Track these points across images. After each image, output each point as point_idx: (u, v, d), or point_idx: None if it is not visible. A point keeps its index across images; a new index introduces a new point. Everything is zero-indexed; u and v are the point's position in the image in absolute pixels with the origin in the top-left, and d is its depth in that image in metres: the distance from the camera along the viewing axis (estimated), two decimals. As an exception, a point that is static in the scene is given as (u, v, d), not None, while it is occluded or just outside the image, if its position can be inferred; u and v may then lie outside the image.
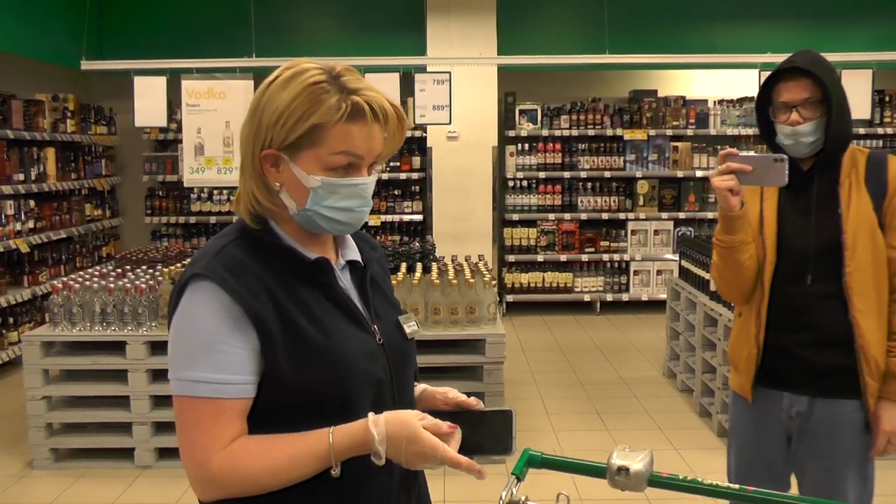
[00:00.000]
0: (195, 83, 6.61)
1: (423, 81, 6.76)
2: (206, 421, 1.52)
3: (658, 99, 9.32)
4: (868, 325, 2.57)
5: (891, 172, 2.61)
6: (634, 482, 1.66)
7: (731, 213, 2.57)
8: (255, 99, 1.60)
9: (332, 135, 1.54)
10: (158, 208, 9.21)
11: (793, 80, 2.57)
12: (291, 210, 1.61)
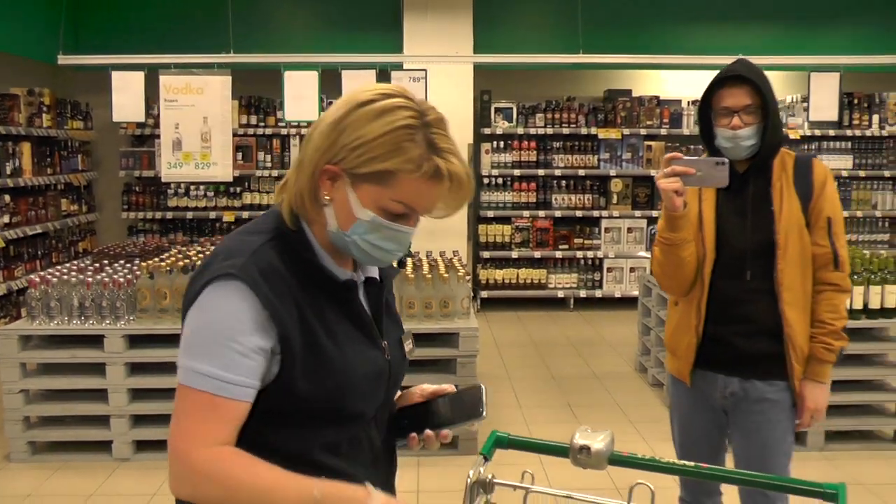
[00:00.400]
0: (173, 78, 6.65)
1: (399, 79, 6.83)
2: (200, 414, 1.51)
3: (632, 99, 9.44)
4: (795, 316, 2.82)
5: (815, 175, 2.85)
6: (595, 460, 1.75)
7: (675, 212, 2.73)
8: (341, 113, 1.56)
9: (402, 185, 1.53)
10: (135, 203, 9.22)
11: (735, 87, 2.76)
12: (330, 227, 1.60)
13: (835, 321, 2.85)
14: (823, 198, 2.85)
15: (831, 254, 2.83)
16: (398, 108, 1.53)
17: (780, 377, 2.86)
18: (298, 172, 1.60)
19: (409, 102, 1.56)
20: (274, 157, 8.98)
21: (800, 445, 5.18)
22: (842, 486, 1.72)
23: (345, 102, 1.57)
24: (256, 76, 7.87)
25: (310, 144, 1.58)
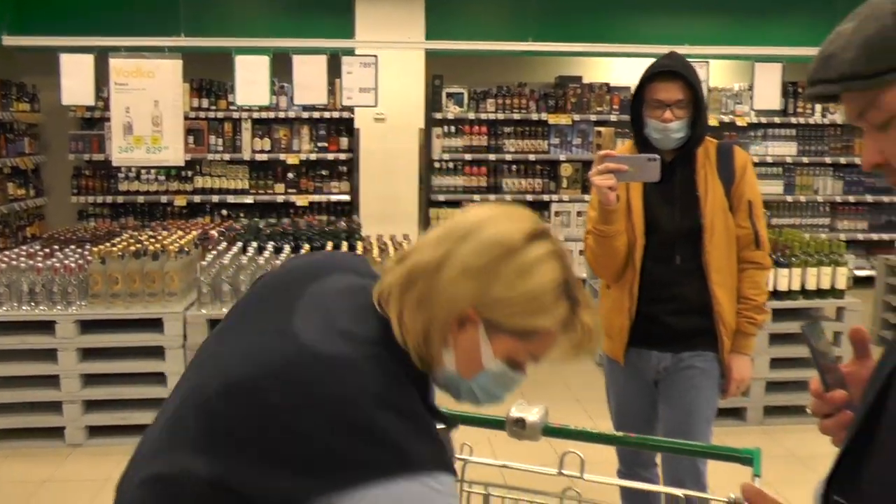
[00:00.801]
0: (123, 62, 6.63)
1: (351, 64, 6.88)
2: None
3: (583, 85, 9.56)
4: (723, 294, 3.02)
5: (737, 161, 3.05)
6: (530, 432, 1.86)
7: (609, 206, 2.85)
8: (491, 258, 1.42)
9: (543, 341, 1.45)
10: (85, 188, 9.11)
11: (669, 81, 2.90)
12: (445, 370, 1.47)
13: (757, 297, 3.07)
14: (744, 182, 3.04)
15: (753, 234, 3.04)
16: (548, 259, 1.44)
17: (710, 349, 3.05)
18: (422, 307, 1.43)
19: (557, 247, 1.47)
20: (226, 140, 8.97)
21: (740, 420, 5.39)
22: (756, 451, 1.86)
23: (492, 243, 1.43)
24: (208, 59, 7.86)
25: (441, 279, 1.42)
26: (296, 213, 9.04)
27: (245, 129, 8.95)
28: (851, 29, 1.17)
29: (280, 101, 8.65)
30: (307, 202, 9.07)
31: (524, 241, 1.43)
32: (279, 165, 9.12)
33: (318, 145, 9.05)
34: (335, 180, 9.14)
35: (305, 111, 8.73)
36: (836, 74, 1.18)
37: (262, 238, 6.02)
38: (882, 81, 1.13)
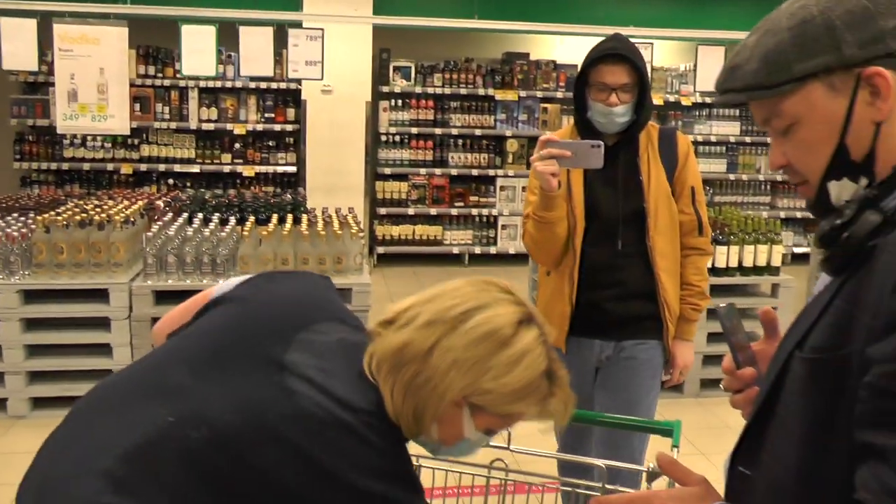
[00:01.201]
0: (68, 27, 6.55)
1: (297, 37, 6.88)
2: None
3: (530, 62, 9.67)
4: (668, 279, 2.99)
5: (679, 147, 3.03)
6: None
7: (551, 192, 2.81)
8: (484, 351, 1.49)
9: (518, 418, 1.57)
10: (28, 153, 8.98)
11: (614, 64, 2.84)
12: (429, 438, 1.57)
13: (700, 282, 3.07)
14: (687, 168, 3.01)
15: (696, 220, 3.02)
16: (535, 347, 1.52)
17: (653, 336, 3.04)
18: (414, 391, 1.50)
19: (542, 332, 1.56)
20: (172, 109, 8.92)
21: (677, 393, 5.58)
22: (677, 424, 1.99)
23: (484, 337, 1.50)
24: (154, 26, 7.78)
25: (433, 366, 1.49)
26: (242, 183, 9.04)
27: (192, 98, 8.91)
28: (753, 42, 1.28)
29: (227, 70, 8.61)
30: (254, 173, 9.08)
31: (513, 331, 1.51)
32: (226, 135, 9.10)
33: (266, 116, 9.05)
34: (282, 151, 9.16)
35: (253, 81, 8.72)
36: (741, 85, 1.28)
37: (207, 209, 6.05)
38: (781, 91, 1.24)
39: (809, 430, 1.19)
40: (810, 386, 1.19)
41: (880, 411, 1.06)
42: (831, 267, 1.23)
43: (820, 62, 1.20)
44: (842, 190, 1.26)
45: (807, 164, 1.28)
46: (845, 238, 1.19)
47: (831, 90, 1.21)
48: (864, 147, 1.22)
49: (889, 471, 1.03)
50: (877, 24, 1.18)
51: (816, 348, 1.19)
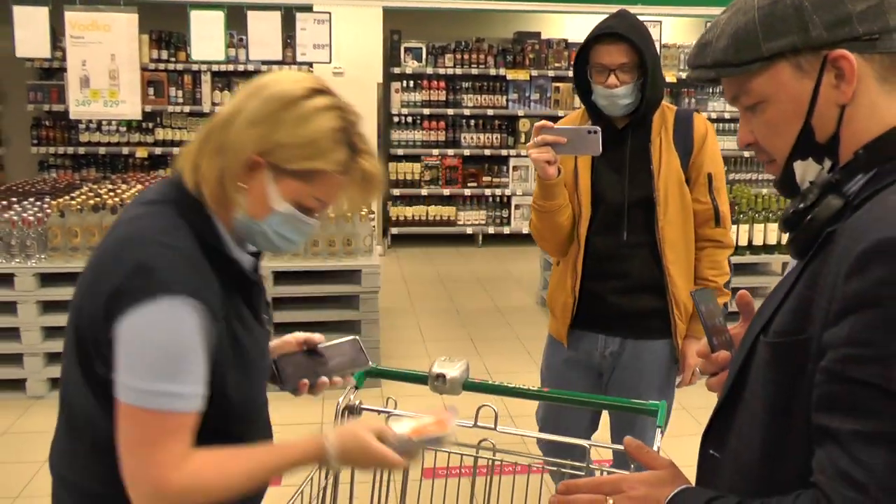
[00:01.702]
0: (79, 15, 6.62)
1: (305, 21, 6.93)
2: (170, 436, 1.50)
3: (541, 41, 9.64)
4: (678, 273, 2.80)
5: (696, 130, 2.81)
6: (451, 387, 2.00)
7: (549, 181, 2.70)
8: (272, 108, 1.57)
9: (324, 183, 1.60)
10: (45, 138, 9.08)
11: (611, 44, 2.67)
12: (238, 213, 1.62)
13: (717, 278, 2.84)
14: (703, 153, 2.80)
15: (712, 210, 2.81)
16: (328, 110, 1.58)
17: (663, 335, 2.85)
18: (216, 156, 1.59)
19: (336, 102, 1.62)
20: (185, 93, 8.97)
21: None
22: (662, 404, 2.03)
23: (275, 96, 1.59)
24: (166, 10, 7.83)
25: (232, 130, 1.59)
26: (255, 166, 9.07)
27: (205, 82, 8.95)
28: (725, 19, 1.29)
29: (239, 53, 8.65)
30: (267, 156, 9.09)
31: (305, 94, 1.59)
32: (239, 118, 9.13)
33: (279, 98, 9.07)
34: (295, 133, 9.17)
35: (265, 64, 8.74)
36: (710, 61, 1.30)
37: (219, 192, 6.12)
38: (749, 69, 1.25)
39: (772, 413, 1.23)
40: (773, 370, 1.22)
41: (834, 395, 1.09)
42: (795, 250, 1.26)
43: (787, 42, 1.22)
44: (806, 170, 1.28)
45: (773, 143, 1.30)
46: (808, 221, 1.21)
47: (798, 71, 1.23)
48: (828, 129, 1.24)
49: (842, 454, 1.06)
50: (845, 8, 1.19)
51: (779, 332, 1.22)
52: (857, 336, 1.07)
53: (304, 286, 5.28)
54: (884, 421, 1.04)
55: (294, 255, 5.23)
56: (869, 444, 1.04)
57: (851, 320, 1.07)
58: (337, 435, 1.62)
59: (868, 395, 1.05)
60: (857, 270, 1.08)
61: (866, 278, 1.07)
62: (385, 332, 5.77)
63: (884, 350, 1.04)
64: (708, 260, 2.86)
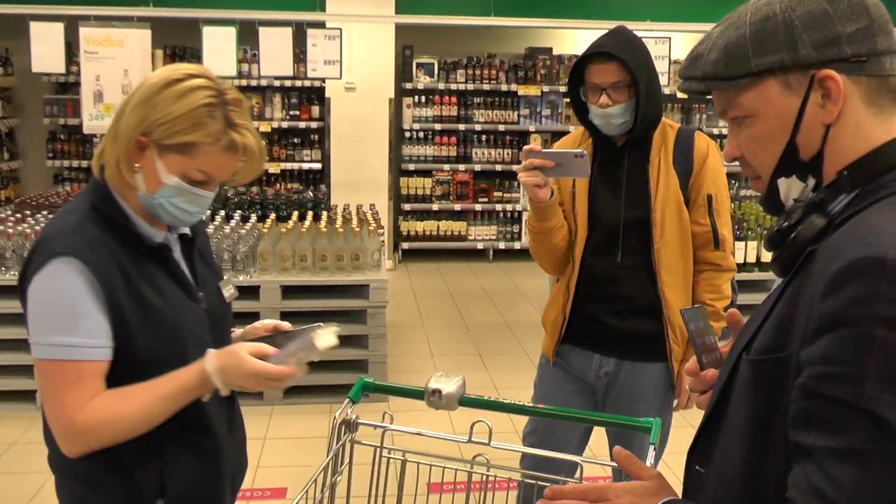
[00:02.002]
0: (93, 31, 6.68)
1: (315, 37, 6.96)
2: (71, 383, 1.70)
3: (552, 56, 9.68)
4: (674, 296, 2.74)
5: (696, 150, 2.75)
6: (447, 402, 1.99)
7: (542, 203, 2.67)
8: (150, 91, 1.75)
9: (202, 155, 1.76)
10: (60, 151, 9.18)
11: (602, 62, 2.63)
12: (139, 192, 1.80)
13: (715, 301, 2.77)
14: (704, 174, 2.74)
15: (711, 232, 2.75)
16: (201, 88, 1.75)
17: (659, 358, 2.80)
18: (114, 143, 1.79)
19: (211, 83, 1.78)
20: (198, 107, 9.02)
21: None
22: (656, 421, 2.03)
23: (155, 82, 1.77)
24: (180, 26, 7.89)
25: (123, 118, 1.78)
26: (268, 180, 9.14)
27: (218, 97, 8.99)
28: (717, 33, 1.31)
29: (252, 69, 8.71)
30: (279, 169, 9.17)
31: (181, 77, 1.76)
32: (252, 133, 9.18)
33: (290, 113, 9.15)
34: (307, 148, 9.24)
35: (277, 80, 8.81)
36: (700, 74, 1.31)
37: (229, 206, 6.17)
38: (738, 84, 1.26)
39: (752, 430, 1.23)
40: (754, 387, 1.23)
41: (809, 412, 1.10)
42: (779, 268, 1.27)
43: (776, 59, 1.23)
44: (790, 187, 1.29)
45: (758, 158, 1.31)
46: (791, 239, 1.23)
47: (786, 88, 1.24)
48: (812, 148, 1.25)
49: (815, 469, 1.07)
50: (834, 28, 1.21)
51: (760, 350, 1.23)
52: (831, 354, 1.08)
53: (312, 300, 5.30)
54: (856, 438, 1.05)
55: (302, 270, 5.25)
56: (840, 460, 1.05)
57: (826, 339, 1.09)
58: (215, 356, 1.76)
59: (841, 413, 1.06)
60: (832, 289, 1.09)
61: (841, 297, 1.08)
62: (393, 346, 5.78)
63: (856, 368, 1.05)
64: (706, 283, 2.80)
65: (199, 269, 1.98)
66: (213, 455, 1.94)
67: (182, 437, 1.86)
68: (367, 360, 5.35)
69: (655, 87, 2.71)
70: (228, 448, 1.99)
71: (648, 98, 2.66)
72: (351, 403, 2.00)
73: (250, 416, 5.08)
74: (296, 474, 4.27)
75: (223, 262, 5.10)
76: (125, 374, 1.76)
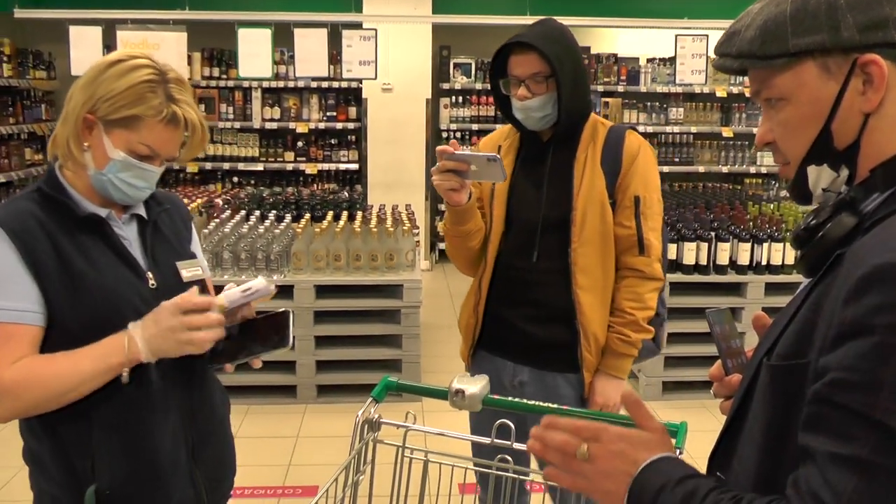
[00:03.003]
0: (130, 34, 6.75)
1: (350, 38, 6.97)
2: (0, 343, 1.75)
3: (591, 56, 9.59)
4: (589, 301, 2.57)
5: (626, 149, 2.59)
6: (469, 402, 1.97)
7: (458, 207, 2.53)
8: (95, 72, 1.83)
9: (146, 129, 1.83)
10: (100, 153, 9.26)
11: (521, 53, 2.52)
12: (89, 170, 1.86)
13: (635, 311, 2.59)
14: (633, 174, 2.58)
15: (636, 236, 2.58)
16: (142, 67, 1.83)
17: (571, 369, 2.62)
18: (63, 125, 1.85)
19: (152, 63, 1.86)
20: (236, 109, 9.10)
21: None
22: (682, 425, 1.98)
23: (99, 64, 1.85)
24: (217, 29, 7.96)
25: (71, 101, 1.84)
26: (305, 181, 9.18)
27: (255, 98, 9.07)
28: (757, 9, 1.23)
29: (289, 70, 8.74)
30: (316, 170, 9.19)
31: (124, 58, 1.85)
32: (289, 134, 9.24)
33: (327, 114, 9.17)
34: (344, 149, 9.26)
35: (314, 81, 8.84)
36: (735, 51, 1.24)
37: (265, 207, 6.19)
38: (773, 64, 1.19)
39: (768, 437, 1.19)
40: (772, 394, 1.19)
41: (819, 416, 1.06)
42: (805, 267, 1.21)
43: (815, 40, 1.16)
44: (820, 176, 1.23)
45: (789, 144, 1.24)
46: (819, 238, 1.16)
47: (825, 72, 1.17)
48: (848, 137, 1.18)
49: (817, 474, 1.04)
50: (882, 10, 1.13)
51: (781, 355, 1.18)
52: (848, 362, 1.03)
53: (345, 300, 5.30)
54: (861, 448, 1.01)
55: (336, 270, 5.25)
56: (843, 468, 1.02)
57: (846, 346, 1.04)
58: (142, 320, 1.80)
59: (849, 421, 1.02)
60: (854, 296, 1.04)
61: (862, 305, 1.03)
62: (427, 346, 5.76)
63: (870, 377, 1.01)
64: (627, 290, 2.61)
65: (157, 250, 1.99)
66: (144, 444, 1.90)
67: (108, 423, 1.85)
68: (401, 360, 5.34)
69: (581, 81, 2.57)
70: (172, 439, 1.95)
71: (573, 91, 2.52)
72: (374, 402, 1.98)
73: (283, 415, 5.17)
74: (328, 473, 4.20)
75: (257, 261, 5.12)
76: (58, 343, 1.79)
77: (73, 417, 1.81)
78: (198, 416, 2.01)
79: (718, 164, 9.45)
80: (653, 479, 1.20)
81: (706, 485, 1.17)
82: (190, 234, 2.16)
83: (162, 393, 1.88)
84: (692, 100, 9.46)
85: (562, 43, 2.53)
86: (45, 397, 1.77)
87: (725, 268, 5.47)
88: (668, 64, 9.52)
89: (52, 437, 1.85)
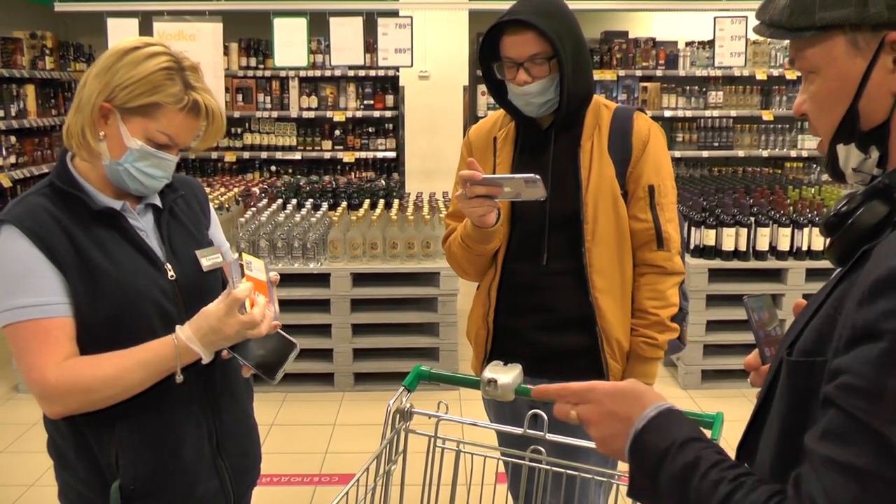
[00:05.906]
0: (166, 25, 6.79)
1: (386, 25, 6.94)
2: (37, 343, 1.73)
3: (628, 40, 9.48)
4: (609, 304, 2.37)
5: (636, 133, 2.36)
6: (502, 392, 1.95)
7: (487, 229, 2.30)
8: (110, 60, 1.80)
9: (165, 117, 1.80)
10: (142, 144, 9.35)
11: (517, 33, 2.27)
12: (104, 160, 1.83)
13: (658, 310, 2.39)
14: (645, 161, 2.35)
15: (654, 229, 2.36)
16: (159, 55, 1.80)
17: (595, 376, 2.23)
18: (78, 113, 1.82)
19: (168, 50, 1.84)
20: (273, 98, 9.13)
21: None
22: (718, 416, 1.95)
23: (114, 51, 1.82)
24: (253, 19, 7.98)
25: (85, 89, 1.81)
26: (343, 169, 9.19)
27: (292, 88, 9.09)
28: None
29: (325, 59, 8.75)
30: (354, 158, 9.20)
31: (140, 45, 1.82)
32: (326, 123, 9.26)
33: (365, 103, 9.16)
34: (381, 137, 9.25)
35: (351, 69, 8.84)
36: (768, 19, 1.22)
37: (302, 195, 6.21)
38: (801, 36, 1.17)
39: (783, 433, 1.17)
40: (789, 389, 1.16)
41: (824, 418, 1.04)
42: (834, 256, 1.17)
43: (842, 14, 1.12)
44: (849, 155, 1.20)
45: (820, 119, 1.22)
46: (849, 225, 1.13)
47: (853, 48, 1.14)
48: (877, 117, 1.15)
49: (814, 477, 1.02)
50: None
51: (801, 350, 1.15)
52: (855, 366, 1.00)
53: (382, 288, 5.30)
54: (860, 456, 0.98)
55: (373, 258, 5.26)
56: (839, 474, 0.99)
57: (855, 350, 1.01)
58: (185, 324, 1.78)
59: (851, 427, 1.00)
60: (867, 299, 1.01)
61: (875, 308, 1.00)
62: (464, 334, 5.74)
63: (876, 385, 0.98)
64: (648, 289, 2.39)
65: (174, 240, 1.97)
66: (168, 437, 1.90)
67: (132, 417, 1.84)
68: (438, 349, 5.34)
69: (583, 59, 2.32)
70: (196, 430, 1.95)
71: (575, 72, 2.28)
72: (406, 392, 1.97)
73: (320, 403, 5.19)
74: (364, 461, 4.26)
75: (293, 249, 5.13)
76: (78, 338, 1.78)
77: (96, 413, 1.80)
78: (221, 407, 2.00)
79: (758, 147, 9.30)
80: (652, 442, 1.21)
81: (708, 458, 1.15)
82: (209, 220, 2.14)
83: (184, 385, 1.84)
84: (732, 83, 9.31)
85: (560, 18, 2.28)
86: (92, 401, 1.77)
87: (765, 253, 5.39)
88: (706, 47, 9.38)
89: (75, 434, 1.85)
